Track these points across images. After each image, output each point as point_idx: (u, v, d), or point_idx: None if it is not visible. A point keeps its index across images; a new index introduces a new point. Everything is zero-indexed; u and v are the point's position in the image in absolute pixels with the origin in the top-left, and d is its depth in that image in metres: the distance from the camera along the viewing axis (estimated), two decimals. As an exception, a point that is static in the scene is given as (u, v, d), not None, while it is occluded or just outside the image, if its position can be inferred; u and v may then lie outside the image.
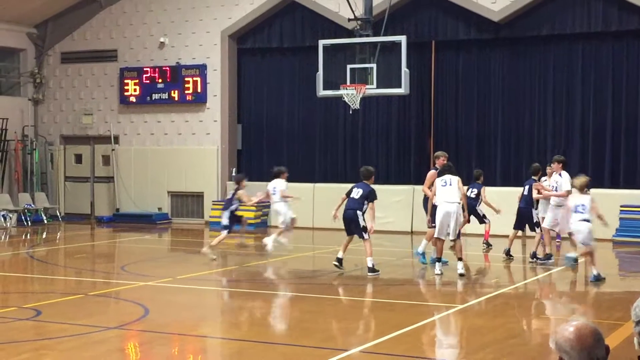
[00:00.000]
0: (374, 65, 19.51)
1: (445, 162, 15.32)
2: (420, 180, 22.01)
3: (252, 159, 24.74)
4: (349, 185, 18.70)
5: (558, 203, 15.47)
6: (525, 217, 16.14)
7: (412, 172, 22.42)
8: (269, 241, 17.12)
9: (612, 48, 21.05)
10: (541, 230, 15.74)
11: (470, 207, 16.34)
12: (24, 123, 26.30)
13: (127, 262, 16.82)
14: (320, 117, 23.74)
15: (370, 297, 13.35)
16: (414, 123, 23.01)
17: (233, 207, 17.11)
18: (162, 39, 24.89)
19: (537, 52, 21.81)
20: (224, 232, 16.84)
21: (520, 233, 17.13)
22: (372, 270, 14.51)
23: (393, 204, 21.51)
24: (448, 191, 14.25)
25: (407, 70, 19.34)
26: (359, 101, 19.45)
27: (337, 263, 14.89)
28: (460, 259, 14.24)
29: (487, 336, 10.07)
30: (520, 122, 21.95)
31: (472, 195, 17.18)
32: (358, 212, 14.54)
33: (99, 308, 12.02)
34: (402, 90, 19.49)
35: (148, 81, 24.91)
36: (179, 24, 24.75)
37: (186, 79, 24.50)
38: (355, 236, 14.69)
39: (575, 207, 13.62)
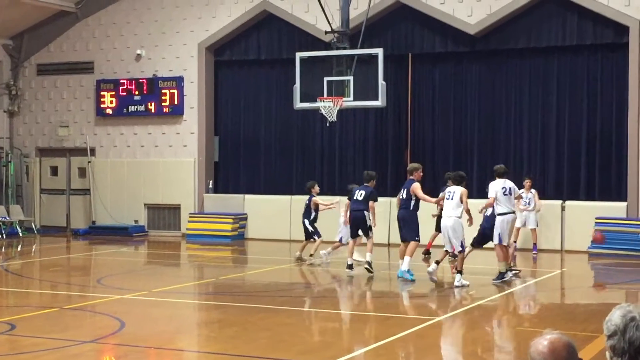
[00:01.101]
0: (351, 78, 19.56)
1: (421, 173, 15.58)
2: (397, 192, 22.15)
3: (229, 171, 24.70)
4: (326, 197, 18.72)
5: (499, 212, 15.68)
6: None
7: (389, 184, 22.46)
8: (323, 254, 17.28)
9: (587, 61, 21.22)
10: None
11: None
12: (-1, 135, 26.15)
13: (103, 275, 16.73)
14: (298, 129, 23.75)
15: (347, 309, 13.34)
16: (390, 135, 23.07)
17: (313, 216, 17.65)
18: (138, 51, 24.83)
19: (513, 65, 21.96)
20: (317, 238, 17.40)
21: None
22: (370, 265, 15.71)
23: (370, 216, 21.50)
24: (447, 205, 14.86)
25: (384, 82, 19.41)
26: (336, 113, 19.49)
27: (367, 267, 15.83)
28: (459, 272, 14.40)
29: (466, 348, 10.09)
30: (496, 134, 22.06)
31: None
32: (365, 212, 16.03)
33: (75, 322, 11.93)
34: (379, 102, 19.55)
35: (125, 93, 24.83)
36: (156, 36, 24.71)
37: (163, 91, 24.44)
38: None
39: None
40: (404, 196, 15.37)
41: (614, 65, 20.90)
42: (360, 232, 16.21)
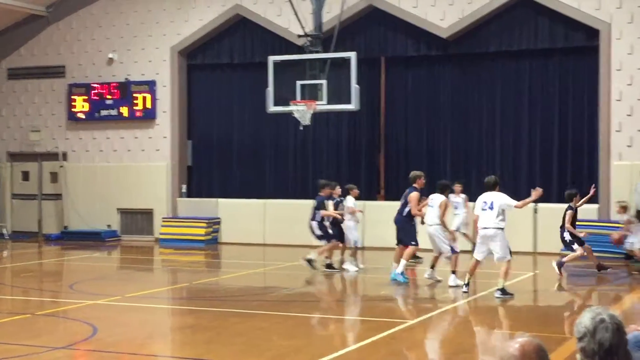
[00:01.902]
0: (324, 82, 19.61)
1: (424, 181, 15.66)
2: (371, 196, 22.22)
3: (202, 175, 24.63)
4: (299, 202, 18.77)
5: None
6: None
7: (362, 187, 22.46)
8: (349, 267, 17.01)
9: (558, 64, 21.38)
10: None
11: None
12: (-31, 140, 25.93)
13: (76, 280, 16.60)
14: (271, 133, 23.72)
15: (320, 313, 13.33)
16: (364, 139, 23.10)
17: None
18: (110, 55, 24.71)
19: (485, 68, 22.08)
20: (332, 241, 17.16)
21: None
22: (310, 263, 16.64)
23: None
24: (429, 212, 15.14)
25: (357, 86, 19.46)
26: (309, 117, 19.51)
27: (306, 261, 16.70)
28: (453, 272, 14.77)
29: (438, 351, 10.11)
30: (469, 137, 22.16)
31: None
32: (312, 222, 16.91)
33: (47, 328, 11.83)
34: (352, 106, 19.60)
35: (97, 97, 24.70)
36: (128, 40, 24.60)
37: (135, 95, 24.33)
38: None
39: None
40: (402, 201, 15.63)
41: (585, 68, 21.06)
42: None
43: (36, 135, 25.71)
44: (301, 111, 19.44)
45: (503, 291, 13.60)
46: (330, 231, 17.03)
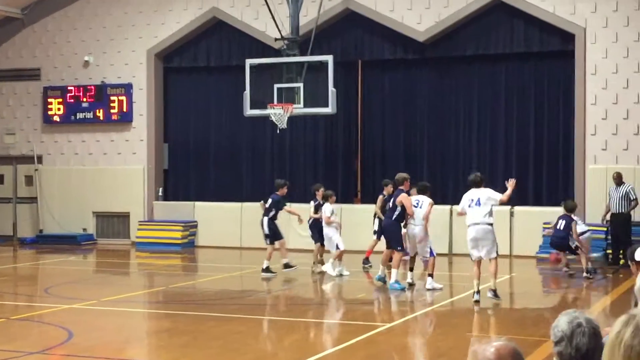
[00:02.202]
0: (301, 85, 19.61)
1: (409, 185, 15.57)
2: (347, 199, 22.24)
3: (178, 178, 24.55)
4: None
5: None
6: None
7: (339, 191, 22.46)
8: (327, 268, 16.85)
9: (534, 68, 21.50)
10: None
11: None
12: (-57, 143, 25.70)
13: (51, 284, 16.49)
14: (248, 136, 23.67)
15: (297, 317, 13.31)
16: (341, 142, 23.12)
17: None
18: (86, 58, 24.57)
19: (461, 71, 22.16)
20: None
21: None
22: (267, 270, 16.67)
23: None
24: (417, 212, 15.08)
25: (334, 89, 19.48)
26: (286, 120, 19.50)
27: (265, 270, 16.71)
28: (430, 275, 14.83)
29: (415, 355, 10.12)
30: (446, 141, 22.22)
31: None
32: (264, 219, 17.05)
33: (22, 332, 11.74)
34: (329, 109, 19.62)
35: (72, 100, 24.55)
36: (104, 43, 24.48)
37: (112, 98, 24.21)
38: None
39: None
40: (390, 205, 15.48)
41: (560, 72, 21.20)
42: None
43: (11, 138, 25.52)
44: (278, 114, 19.43)
45: (495, 292, 13.51)
46: (277, 231, 17.15)
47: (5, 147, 25.57)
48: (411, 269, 15.32)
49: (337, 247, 16.80)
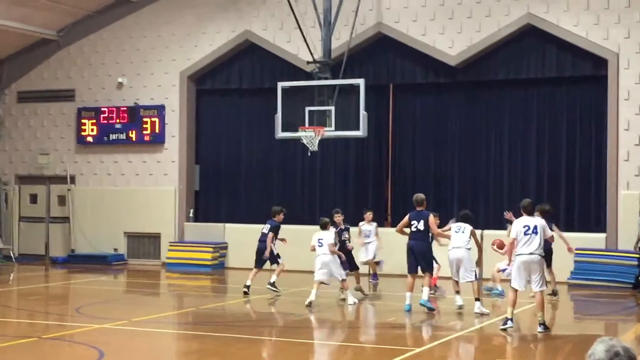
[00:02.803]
0: (333, 108, 19.67)
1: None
2: (379, 222, 22.18)
3: (209, 200, 24.65)
4: (306, 227, 18.82)
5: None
6: None
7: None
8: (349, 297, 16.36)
9: (566, 93, 21.41)
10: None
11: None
12: (-22, 162, 26.04)
13: (82, 304, 16.58)
14: (279, 158, 23.77)
15: (327, 340, 13.28)
16: (371, 165, 23.13)
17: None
18: (120, 79, 24.84)
19: (493, 96, 22.13)
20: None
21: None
22: (273, 285, 17.40)
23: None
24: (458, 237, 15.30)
25: (365, 112, 19.52)
26: (317, 143, 19.55)
27: (269, 286, 17.27)
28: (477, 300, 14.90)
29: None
30: (476, 165, 22.16)
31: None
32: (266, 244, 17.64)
33: (53, 352, 11.82)
34: (360, 132, 19.65)
35: (106, 121, 24.80)
36: (138, 65, 24.73)
37: (144, 119, 24.43)
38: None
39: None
40: (422, 227, 15.12)
41: (592, 97, 21.10)
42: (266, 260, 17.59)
43: (45, 158, 25.80)
44: (309, 137, 19.49)
45: (545, 325, 13.00)
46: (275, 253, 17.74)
47: (39, 167, 25.85)
48: (457, 292, 15.28)
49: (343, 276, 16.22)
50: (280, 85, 20.51)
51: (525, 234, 12.85)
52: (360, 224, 18.84)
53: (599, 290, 18.68)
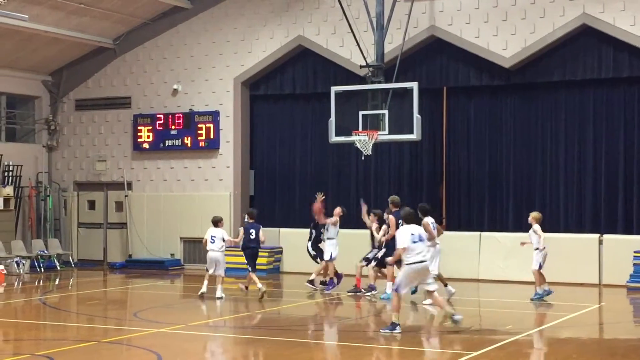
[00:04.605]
0: (386, 112, 19.64)
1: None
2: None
3: (264, 204, 24.75)
4: (359, 231, 18.81)
5: None
6: None
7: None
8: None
9: (623, 94, 21.11)
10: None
11: None
12: (38, 169, 26.50)
13: (140, 308, 16.80)
14: (333, 163, 23.82)
15: (382, 344, 13.25)
16: (425, 169, 23.05)
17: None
18: (175, 86, 25.11)
19: (548, 98, 21.90)
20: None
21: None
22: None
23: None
24: None
25: (418, 116, 19.46)
26: (371, 147, 19.55)
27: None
28: None
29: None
30: (532, 168, 21.96)
31: None
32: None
33: (112, 355, 11.98)
34: (414, 136, 19.59)
35: (161, 127, 25.08)
36: (192, 71, 24.97)
37: (199, 125, 24.65)
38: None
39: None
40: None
41: (651, 97, 20.80)
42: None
43: (102, 165, 26.19)
44: (363, 141, 19.50)
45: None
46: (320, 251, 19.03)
47: (97, 173, 26.24)
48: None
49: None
50: (334, 89, 20.54)
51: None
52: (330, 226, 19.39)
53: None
